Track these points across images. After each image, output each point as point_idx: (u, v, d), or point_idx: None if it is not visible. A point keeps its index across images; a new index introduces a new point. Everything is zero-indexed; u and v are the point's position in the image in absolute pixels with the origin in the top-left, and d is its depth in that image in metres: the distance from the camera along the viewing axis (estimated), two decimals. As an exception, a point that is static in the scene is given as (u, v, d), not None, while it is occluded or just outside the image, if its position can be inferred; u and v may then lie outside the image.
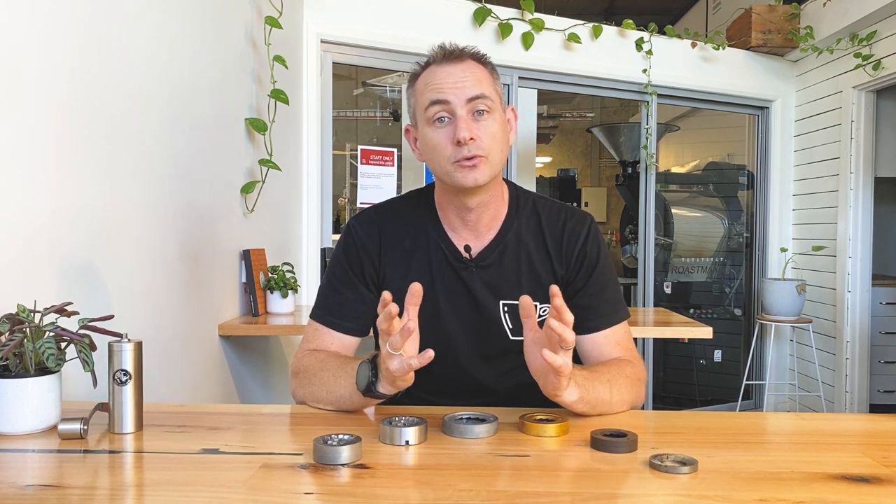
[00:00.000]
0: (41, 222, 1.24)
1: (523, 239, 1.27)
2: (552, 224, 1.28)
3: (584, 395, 1.06)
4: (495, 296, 1.26)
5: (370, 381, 1.05)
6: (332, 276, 1.29)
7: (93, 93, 1.40)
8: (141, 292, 1.61)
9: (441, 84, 1.17)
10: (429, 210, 1.29)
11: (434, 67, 1.19)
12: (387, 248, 1.27)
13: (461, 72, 1.17)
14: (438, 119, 1.17)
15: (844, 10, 3.59)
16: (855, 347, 3.81)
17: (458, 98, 1.15)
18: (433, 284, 1.25)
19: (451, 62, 1.18)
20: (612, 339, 1.26)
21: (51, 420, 1.00)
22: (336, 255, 1.30)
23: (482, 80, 1.18)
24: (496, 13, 3.38)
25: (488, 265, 1.26)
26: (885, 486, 0.82)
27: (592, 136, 7.01)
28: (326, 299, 1.28)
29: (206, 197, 2.01)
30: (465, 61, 1.19)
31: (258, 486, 0.80)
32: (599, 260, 1.28)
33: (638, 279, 4.09)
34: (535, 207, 1.30)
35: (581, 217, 1.30)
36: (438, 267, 1.26)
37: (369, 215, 1.30)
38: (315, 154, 3.05)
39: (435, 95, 1.17)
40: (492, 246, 1.26)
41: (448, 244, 1.26)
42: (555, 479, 0.85)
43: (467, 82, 1.16)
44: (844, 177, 3.80)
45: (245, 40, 2.32)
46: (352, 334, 1.26)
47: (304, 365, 1.21)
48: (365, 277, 1.26)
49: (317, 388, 1.16)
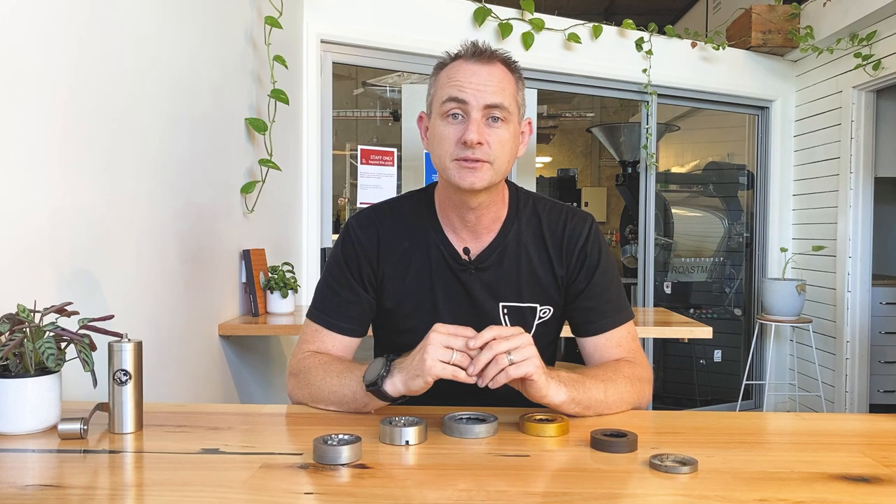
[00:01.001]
0: (41, 222, 1.24)
1: (523, 240, 1.27)
2: (552, 225, 1.27)
3: (574, 395, 1.06)
4: (495, 298, 1.25)
5: (380, 376, 1.04)
6: (329, 277, 1.28)
7: (93, 93, 1.40)
8: (141, 292, 1.61)
9: (463, 82, 1.14)
10: (428, 211, 1.28)
11: (461, 62, 1.17)
12: (385, 249, 1.26)
13: (487, 74, 1.15)
14: (452, 115, 1.15)
15: (844, 10, 3.59)
16: (855, 347, 3.81)
17: (476, 100, 1.14)
18: (432, 286, 1.25)
19: (479, 61, 1.16)
20: (614, 342, 1.25)
21: (51, 420, 1.00)
22: (334, 255, 1.29)
23: (505, 89, 1.16)
24: (496, 13, 3.38)
25: (487, 267, 1.25)
26: (885, 486, 0.82)
27: (592, 136, 7.01)
28: (324, 300, 1.27)
29: (206, 197, 2.01)
30: (494, 64, 1.17)
31: (258, 486, 0.80)
32: (601, 261, 1.27)
33: (638, 279, 4.09)
34: (536, 208, 1.29)
35: (582, 217, 1.29)
36: (438, 269, 1.25)
37: (368, 216, 1.29)
38: (315, 154, 3.05)
39: (455, 92, 1.14)
40: (491, 248, 1.25)
41: (447, 246, 1.26)
42: (555, 479, 0.85)
43: (490, 87, 1.14)
44: (844, 177, 3.80)
45: (245, 40, 2.32)
46: (350, 335, 1.26)
47: (304, 365, 1.20)
48: (363, 278, 1.26)
49: (317, 389, 1.15)
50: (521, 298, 1.26)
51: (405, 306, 1.26)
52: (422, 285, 1.25)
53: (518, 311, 1.27)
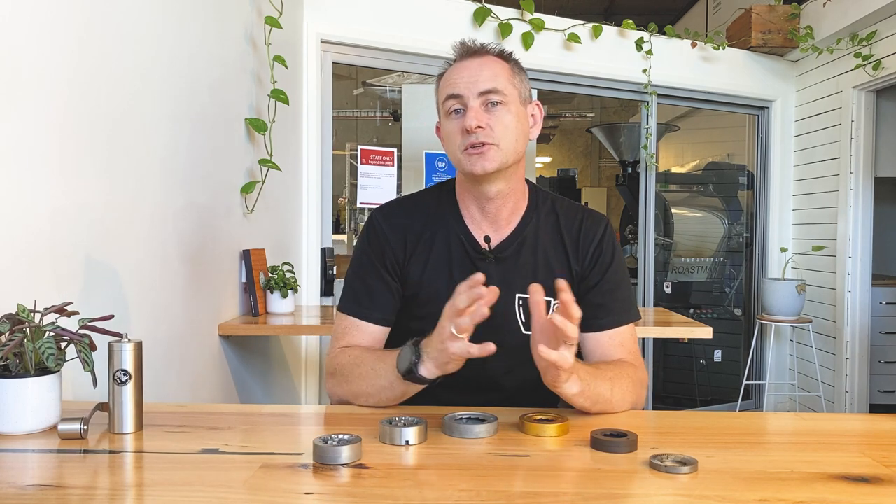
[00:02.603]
0: (41, 222, 1.24)
1: (541, 234, 1.31)
2: (569, 222, 1.32)
3: (585, 389, 1.07)
4: (510, 289, 1.27)
5: (412, 363, 1.06)
6: (357, 268, 1.31)
7: (93, 93, 1.40)
8: (141, 292, 1.61)
9: (457, 79, 1.21)
10: (450, 201, 1.32)
11: (455, 64, 1.24)
12: (409, 239, 1.29)
13: (478, 66, 1.21)
14: (455, 111, 1.22)
15: (844, 10, 3.59)
16: (855, 347, 3.81)
17: (470, 91, 1.20)
18: (451, 274, 1.27)
19: (469, 58, 1.23)
20: (617, 340, 1.27)
21: (51, 420, 1.00)
22: (360, 246, 1.32)
23: (498, 75, 1.21)
24: (496, 13, 3.38)
25: (506, 258, 1.28)
26: (885, 486, 0.82)
27: (592, 136, 7.01)
28: (355, 291, 1.30)
29: (206, 197, 2.01)
30: (484, 56, 1.23)
31: (258, 486, 0.80)
32: (614, 259, 1.31)
33: (638, 279, 4.09)
34: (554, 206, 1.34)
35: (598, 218, 1.35)
36: (457, 258, 1.28)
37: (392, 207, 1.34)
38: (315, 154, 3.05)
39: (450, 90, 1.21)
40: (510, 238, 1.29)
41: (467, 235, 1.29)
42: (555, 479, 0.85)
43: (482, 76, 1.20)
44: (844, 177, 3.80)
45: (245, 40, 2.32)
46: (382, 324, 1.28)
47: (338, 363, 1.22)
48: (387, 267, 1.29)
49: (356, 384, 1.17)
50: None
51: (423, 294, 1.28)
52: (441, 273, 1.28)
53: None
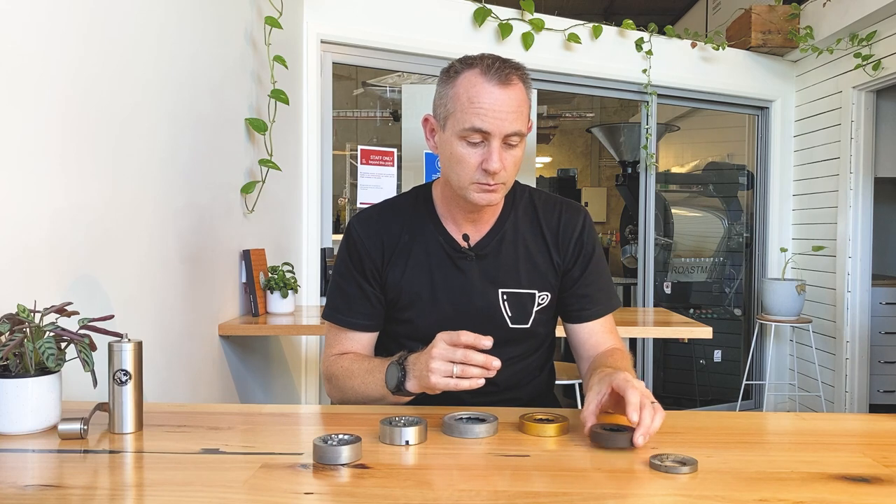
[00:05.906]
0: (42, 222, 1.24)
1: (520, 228, 1.32)
2: (548, 215, 1.33)
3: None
4: (494, 284, 1.29)
5: (399, 381, 1.12)
6: (337, 277, 1.34)
7: (93, 93, 1.40)
8: (141, 292, 1.61)
9: (486, 110, 1.14)
10: (427, 204, 1.33)
11: (483, 83, 1.15)
12: (387, 244, 1.30)
13: (507, 99, 1.15)
14: (474, 141, 1.17)
15: (844, 10, 3.59)
16: (855, 347, 3.81)
17: (498, 130, 1.15)
18: (431, 276, 1.29)
19: (500, 85, 1.15)
20: (607, 327, 1.33)
21: (51, 420, 1.00)
22: (339, 254, 1.35)
23: (523, 112, 1.18)
24: (496, 13, 3.38)
25: (487, 255, 1.29)
26: (885, 486, 0.82)
27: (592, 136, 7.01)
28: (335, 299, 1.33)
29: (206, 197, 2.01)
30: (512, 85, 1.16)
31: (258, 486, 0.80)
32: (595, 250, 1.34)
33: (638, 279, 4.09)
34: (532, 199, 1.35)
35: (576, 209, 1.36)
36: (437, 259, 1.29)
37: (369, 214, 1.35)
38: (315, 154, 3.05)
39: (478, 123, 1.14)
40: (490, 235, 1.30)
41: (446, 236, 1.30)
42: (555, 479, 0.85)
43: (511, 115, 1.15)
44: (844, 177, 3.80)
45: (245, 40, 2.32)
46: (365, 330, 1.32)
47: (332, 371, 1.28)
48: (366, 274, 1.30)
49: (350, 394, 1.24)
50: (521, 284, 1.30)
51: (404, 297, 1.30)
52: (421, 276, 1.29)
53: (518, 297, 1.30)
